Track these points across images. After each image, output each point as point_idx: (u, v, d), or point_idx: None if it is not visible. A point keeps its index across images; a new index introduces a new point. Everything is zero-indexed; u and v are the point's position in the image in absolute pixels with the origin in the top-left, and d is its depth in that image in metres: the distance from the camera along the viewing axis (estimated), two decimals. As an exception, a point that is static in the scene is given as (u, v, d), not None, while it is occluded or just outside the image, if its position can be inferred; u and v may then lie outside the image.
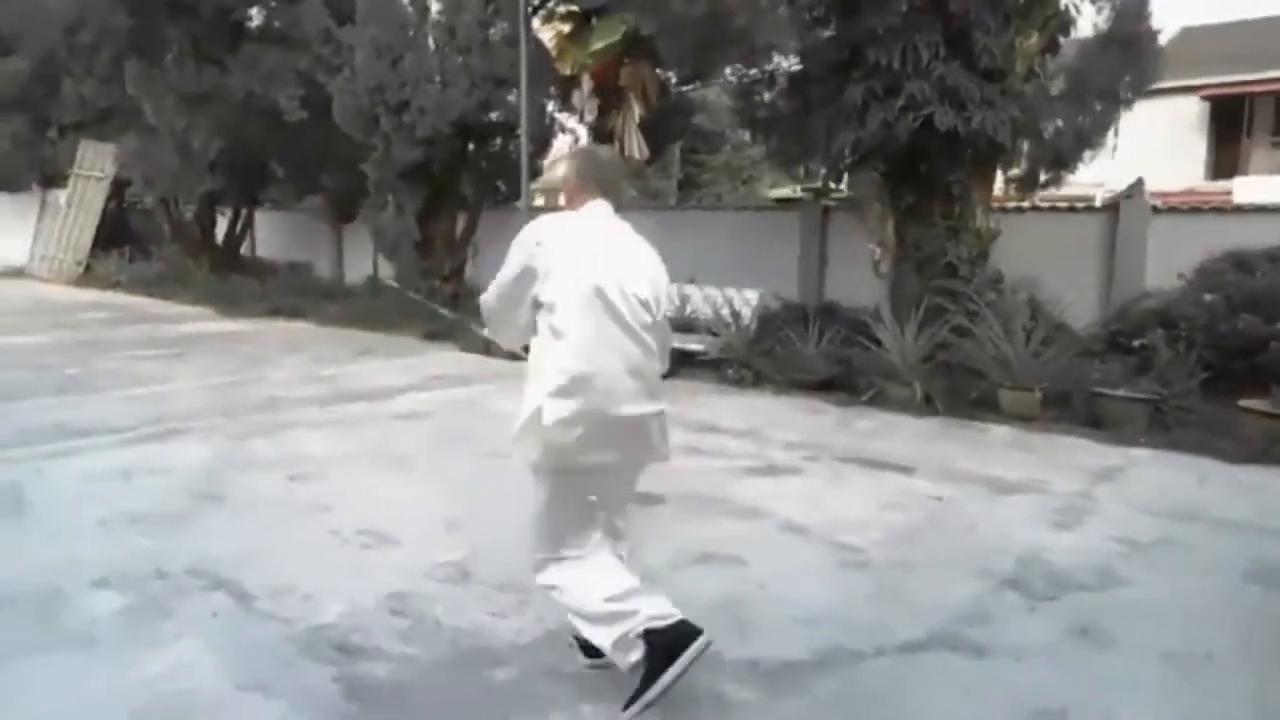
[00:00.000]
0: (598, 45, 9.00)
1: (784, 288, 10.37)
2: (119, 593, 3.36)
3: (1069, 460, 5.67)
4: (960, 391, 7.15)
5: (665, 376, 2.88)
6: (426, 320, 11.31)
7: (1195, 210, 8.43)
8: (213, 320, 12.38)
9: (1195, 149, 21.65)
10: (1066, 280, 8.24)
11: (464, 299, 12.41)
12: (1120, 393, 6.60)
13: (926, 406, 7.10)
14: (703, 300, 9.65)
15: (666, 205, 15.16)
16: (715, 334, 8.70)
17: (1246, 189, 18.39)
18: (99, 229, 18.74)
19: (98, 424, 5.99)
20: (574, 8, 9.05)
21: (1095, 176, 10.79)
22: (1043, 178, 7.77)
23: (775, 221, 11.82)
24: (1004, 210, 8.29)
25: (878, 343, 7.63)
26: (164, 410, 6.47)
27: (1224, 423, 6.21)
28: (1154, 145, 17.36)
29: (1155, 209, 8.71)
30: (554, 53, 9.48)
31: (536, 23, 10.19)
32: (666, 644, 2.54)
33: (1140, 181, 8.77)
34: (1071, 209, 9.12)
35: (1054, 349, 6.94)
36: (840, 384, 7.85)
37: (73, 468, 5.00)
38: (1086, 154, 7.45)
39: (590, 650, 2.80)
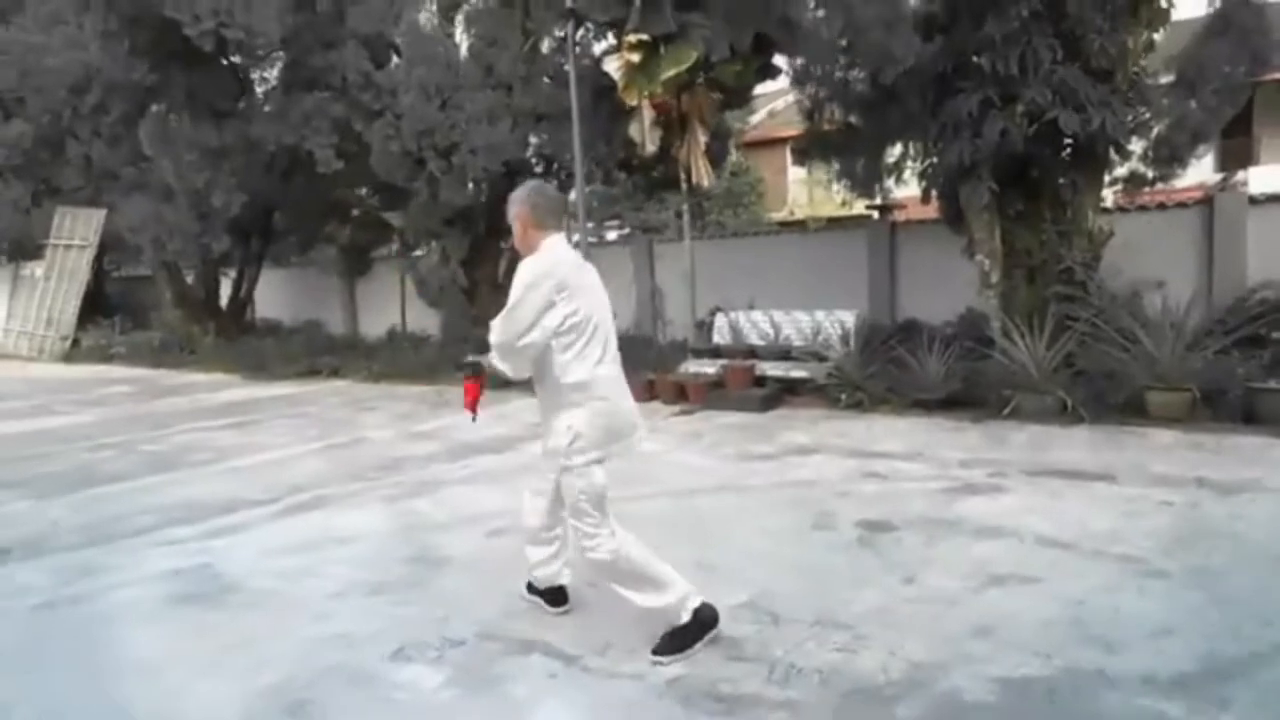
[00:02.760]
0: (669, 73, 9.12)
1: (854, 307, 10.52)
2: (431, 665, 3.29)
3: (1262, 457, 5.80)
4: (1102, 398, 7.29)
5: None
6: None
7: (1295, 198, 8.72)
8: (247, 385, 12.22)
9: (1200, 142, 22.34)
10: (1167, 276, 8.48)
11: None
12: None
13: (1065, 415, 7.23)
14: (790, 325, 9.75)
15: (723, 233, 15.31)
16: (822, 358, 8.78)
17: (1261, 179, 19.09)
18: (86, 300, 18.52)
19: (232, 499, 5.88)
20: (644, 36, 9.18)
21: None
22: (1150, 175, 8.01)
23: (838, 241, 12.03)
24: (1105, 211, 8.52)
25: (982, 355, 7.81)
26: (288, 480, 6.37)
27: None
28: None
29: (1253, 199, 9.03)
30: (620, 84, 9.59)
31: (601, 55, 10.32)
32: (706, 618, 3.33)
33: (1235, 172, 9.10)
34: (1161, 206, 9.39)
35: (1202, 348, 7.11)
36: (963, 400, 7.96)
37: (248, 545, 4.90)
38: (1200, 148, 7.71)
39: (532, 587, 3.70)
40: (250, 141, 12.11)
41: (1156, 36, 7.85)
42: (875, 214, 11.69)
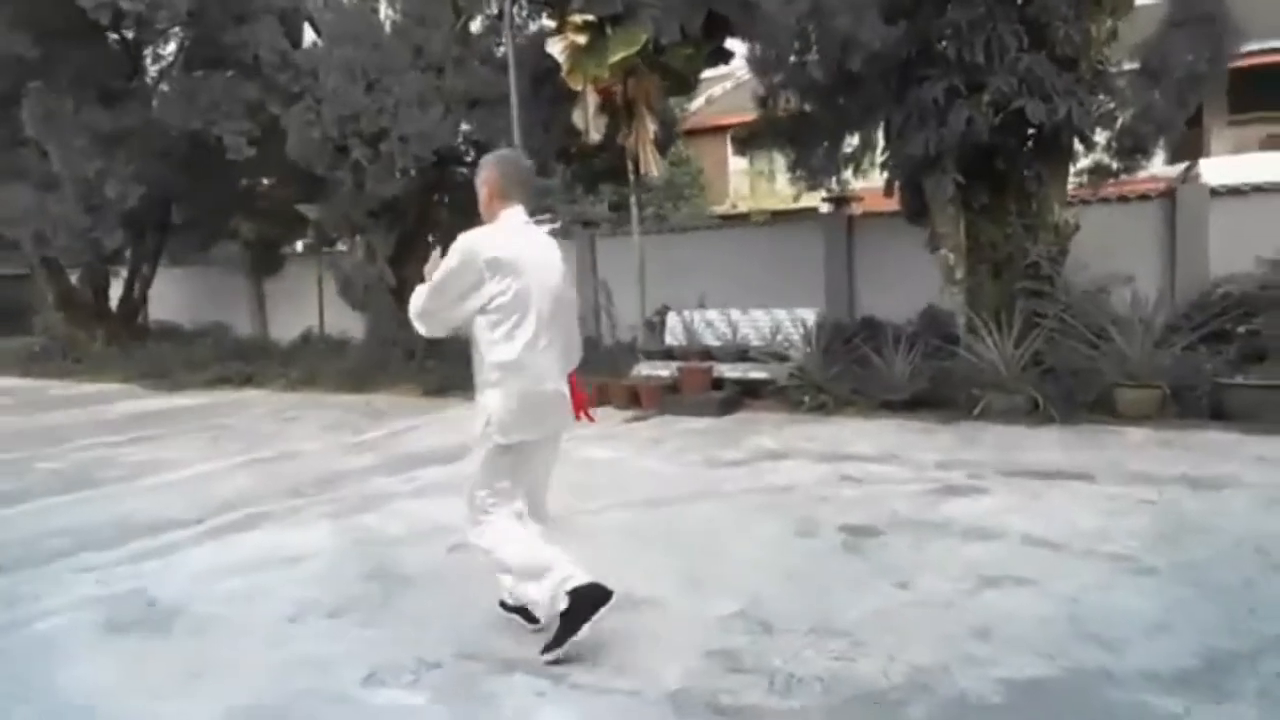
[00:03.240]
0: (618, 56, 9.23)
1: (810, 304, 10.78)
2: (408, 689, 3.32)
3: (1235, 452, 6.18)
4: (1071, 396, 7.64)
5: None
6: (415, 375, 11.27)
7: (1258, 190, 9.26)
8: (150, 397, 11.91)
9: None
10: (1129, 270, 8.91)
11: (448, 350, 12.38)
12: (1252, 382, 7.21)
13: (1035, 414, 7.55)
14: (747, 324, 9.94)
15: (665, 227, 15.49)
16: (783, 358, 8.98)
17: (1216, 170, 20.10)
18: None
19: (155, 519, 5.75)
20: (590, 17, 9.28)
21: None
22: (1114, 166, 8.42)
23: (792, 236, 12.29)
24: (1069, 204, 8.91)
25: (948, 354, 8.13)
26: (215, 497, 6.27)
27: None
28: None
29: (1214, 191, 9.56)
30: (565, 68, 9.65)
31: (541, 36, 10.37)
32: (590, 595, 3.38)
33: (1195, 164, 9.62)
34: (1122, 198, 9.87)
35: (1169, 344, 7.51)
36: (930, 400, 8.25)
37: (181, 568, 4.83)
38: (1163, 139, 8.14)
39: (507, 604, 3.73)
40: (150, 126, 11.80)
41: (1119, 25, 8.26)
42: (827, 207, 11.98)
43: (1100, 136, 8.16)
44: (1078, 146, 8.25)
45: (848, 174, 10.26)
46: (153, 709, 3.24)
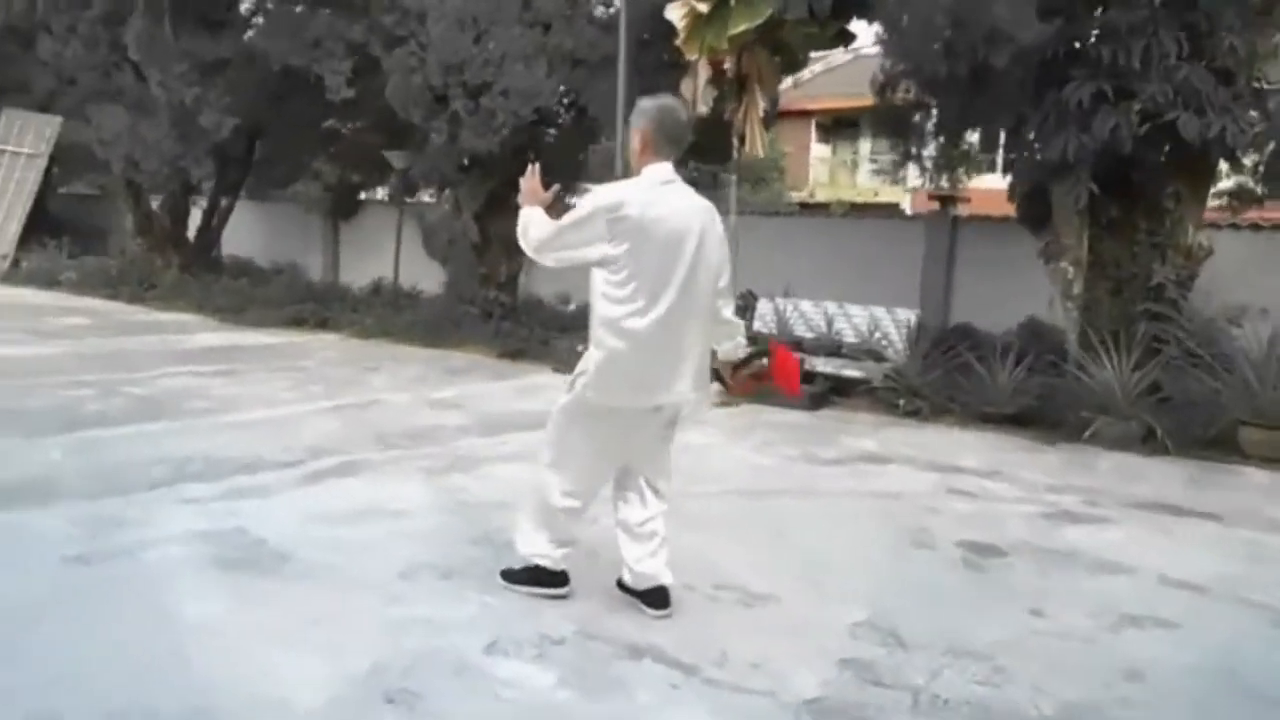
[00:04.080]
0: (739, 28, 9.05)
1: (899, 304, 10.53)
2: (534, 663, 3.28)
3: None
4: (1187, 428, 7.38)
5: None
6: (491, 336, 11.28)
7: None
8: (223, 330, 12.09)
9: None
10: (1261, 303, 8.57)
11: (525, 313, 12.38)
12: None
13: (1147, 444, 7.31)
14: (842, 319, 9.78)
15: (748, 209, 15.28)
16: (880, 358, 8.82)
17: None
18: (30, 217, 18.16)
19: (249, 457, 5.80)
20: (715, -15, 9.11)
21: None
22: (1259, 191, 8.11)
23: (889, 231, 12.07)
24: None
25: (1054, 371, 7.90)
26: (306, 440, 6.31)
27: None
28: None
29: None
30: (682, 36, 9.50)
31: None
32: (547, 579, 3.77)
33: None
34: (1255, 226, 9.51)
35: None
36: (1032, 418, 8.03)
37: (282, 510, 4.85)
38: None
39: (624, 585, 3.77)
40: (250, 58, 11.89)
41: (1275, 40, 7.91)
42: (904, 205, 11.74)
43: (1247, 159, 7.84)
44: (1222, 166, 7.93)
45: (960, 172, 10.01)
46: (272, 658, 3.23)
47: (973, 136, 10.07)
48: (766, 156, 26.64)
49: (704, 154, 12.71)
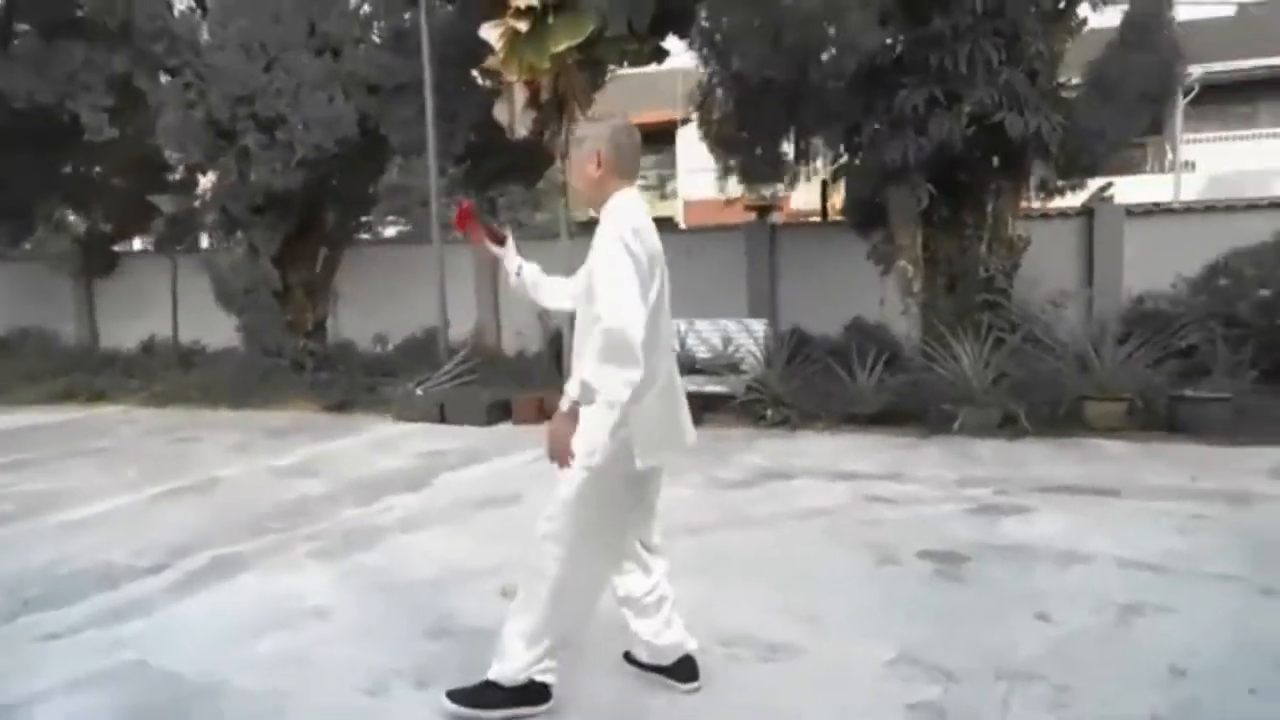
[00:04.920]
0: (561, 46, 8.71)
1: (732, 314, 10.57)
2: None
3: (1228, 465, 6.42)
4: (1038, 409, 7.79)
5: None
6: (308, 389, 10.34)
7: (1168, 211, 9.86)
8: (-22, 414, 10.29)
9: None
10: (1050, 286, 9.26)
11: (340, 360, 11.46)
12: (1202, 394, 7.57)
13: (1007, 429, 7.65)
14: (692, 335, 9.64)
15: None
16: (739, 371, 8.75)
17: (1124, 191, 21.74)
18: None
19: (100, 567, 4.81)
20: (533, 2, 8.71)
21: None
22: (1059, 183, 8.73)
23: (711, 243, 12.09)
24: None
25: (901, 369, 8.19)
26: (157, 538, 5.32)
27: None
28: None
29: (1128, 211, 10.12)
30: (500, 55, 9.03)
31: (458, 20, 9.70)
32: (536, 695, 3.07)
33: (1110, 184, 10.16)
34: (1044, 215, 10.29)
35: (1129, 358, 7.80)
36: (895, 415, 8.22)
37: (180, 629, 4.00)
38: (1114, 157, 8.50)
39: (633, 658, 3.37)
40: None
41: (1073, 41, 8.58)
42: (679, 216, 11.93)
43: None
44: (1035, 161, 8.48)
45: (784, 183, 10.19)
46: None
47: (787, 146, 10.25)
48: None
49: (507, 176, 12.37)
